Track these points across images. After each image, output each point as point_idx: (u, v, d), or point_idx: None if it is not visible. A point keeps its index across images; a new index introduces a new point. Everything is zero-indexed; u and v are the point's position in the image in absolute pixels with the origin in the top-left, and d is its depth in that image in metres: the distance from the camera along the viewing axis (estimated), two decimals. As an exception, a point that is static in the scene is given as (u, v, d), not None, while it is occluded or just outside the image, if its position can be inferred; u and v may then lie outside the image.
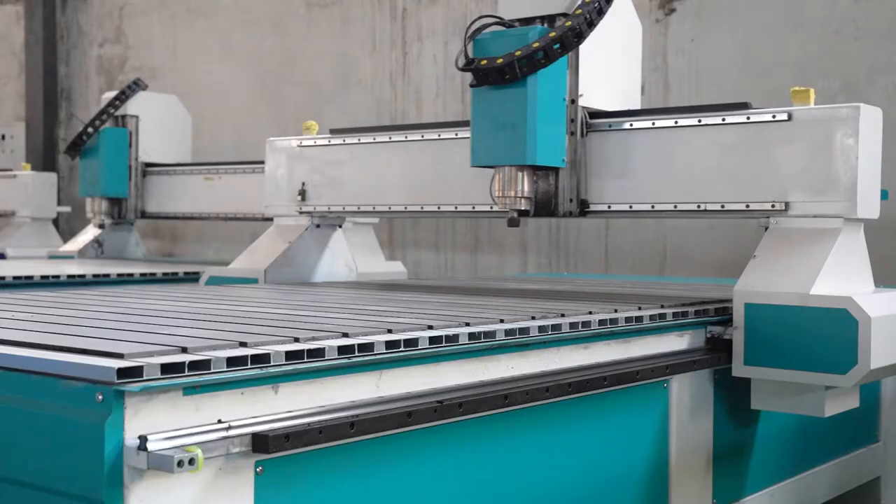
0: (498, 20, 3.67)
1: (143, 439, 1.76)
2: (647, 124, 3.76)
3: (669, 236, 6.58)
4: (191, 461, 1.75)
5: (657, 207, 3.74)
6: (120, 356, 1.92)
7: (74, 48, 10.69)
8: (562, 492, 2.78)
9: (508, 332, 2.63)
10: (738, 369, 3.28)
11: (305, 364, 2.11)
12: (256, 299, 3.48)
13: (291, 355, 2.09)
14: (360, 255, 6.41)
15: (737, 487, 3.51)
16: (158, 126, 7.23)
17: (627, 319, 3.08)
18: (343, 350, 2.20)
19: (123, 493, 1.75)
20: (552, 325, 2.79)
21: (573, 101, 3.78)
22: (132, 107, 7.09)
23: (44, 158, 10.47)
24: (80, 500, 1.78)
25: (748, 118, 3.52)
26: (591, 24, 3.49)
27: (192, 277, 6.01)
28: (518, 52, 3.42)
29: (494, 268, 7.45)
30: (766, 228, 3.48)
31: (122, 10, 10.25)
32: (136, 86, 7.11)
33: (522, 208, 3.72)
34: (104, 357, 1.92)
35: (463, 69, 3.51)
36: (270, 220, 4.97)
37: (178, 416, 1.86)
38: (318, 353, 2.15)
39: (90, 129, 6.94)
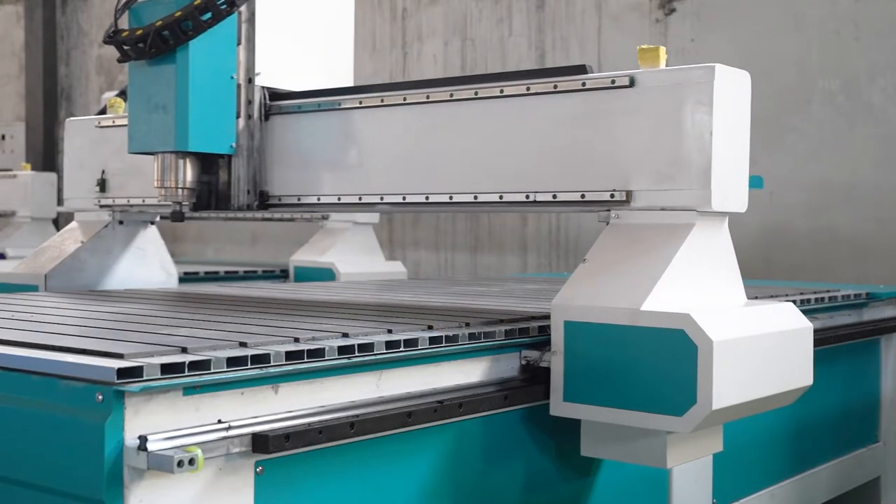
0: None
1: (143, 439, 1.76)
2: (334, 104, 3.28)
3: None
4: (191, 461, 1.75)
5: (343, 200, 3.27)
6: (120, 356, 1.91)
7: (74, 48, 10.69)
8: (561, 492, 2.79)
9: (508, 333, 2.63)
10: (557, 407, 2.55)
11: (305, 364, 2.10)
12: (255, 299, 3.48)
13: (291, 355, 2.09)
14: (360, 254, 6.43)
15: (737, 487, 3.51)
16: (158, 126, 7.20)
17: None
18: (343, 350, 2.20)
19: (123, 494, 1.75)
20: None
21: (250, 81, 3.34)
22: (132, 107, 7.06)
23: (44, 158, 10.48)
24: (80, 501, 1.78)
25: (584, 84, 2.77)
26: None
27: (191, 277, 6.01)
28: (159, 22, 2.99)
29: (494, 268, 7.45)
30: (608, 224, 2.76)
31: (122, 10, 10.24)
32: (136, 86, 7.09)
33: (183, 201, 3.28)
34: (104, 357, 1.92)
35: (106, 42, 3.09)
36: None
37: (178, 416, 1.85)
38: (318, 353, 2.15)
39: (90, 129, 6.92)
